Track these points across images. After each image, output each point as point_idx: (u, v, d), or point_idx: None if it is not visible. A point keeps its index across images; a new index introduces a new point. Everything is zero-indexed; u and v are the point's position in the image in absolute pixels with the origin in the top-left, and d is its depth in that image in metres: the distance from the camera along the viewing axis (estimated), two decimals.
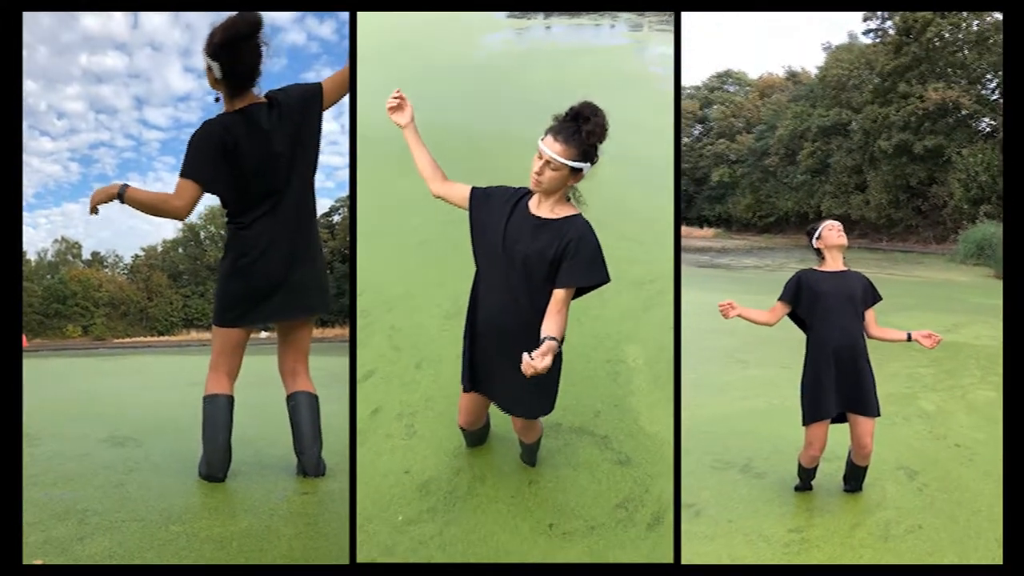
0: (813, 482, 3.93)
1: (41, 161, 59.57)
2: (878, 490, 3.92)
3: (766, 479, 4.07)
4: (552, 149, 2.56)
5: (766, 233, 39.56)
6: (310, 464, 3.46)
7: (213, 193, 3.21)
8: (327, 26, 68.53)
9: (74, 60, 66.18)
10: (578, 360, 4.15)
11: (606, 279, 2.66)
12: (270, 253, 3.24)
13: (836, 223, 3.84)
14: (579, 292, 2.71)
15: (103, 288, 46.35)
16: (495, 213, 2.76)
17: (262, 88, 3.27)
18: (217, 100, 3.21)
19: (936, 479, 4.10)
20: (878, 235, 34.48)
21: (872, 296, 3.74)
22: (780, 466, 4.16)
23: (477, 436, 3.39)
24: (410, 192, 2.91)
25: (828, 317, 3.66)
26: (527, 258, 2.65)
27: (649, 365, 4.22)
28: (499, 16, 19.37)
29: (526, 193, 2.78)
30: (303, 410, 3.45)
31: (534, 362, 2.32)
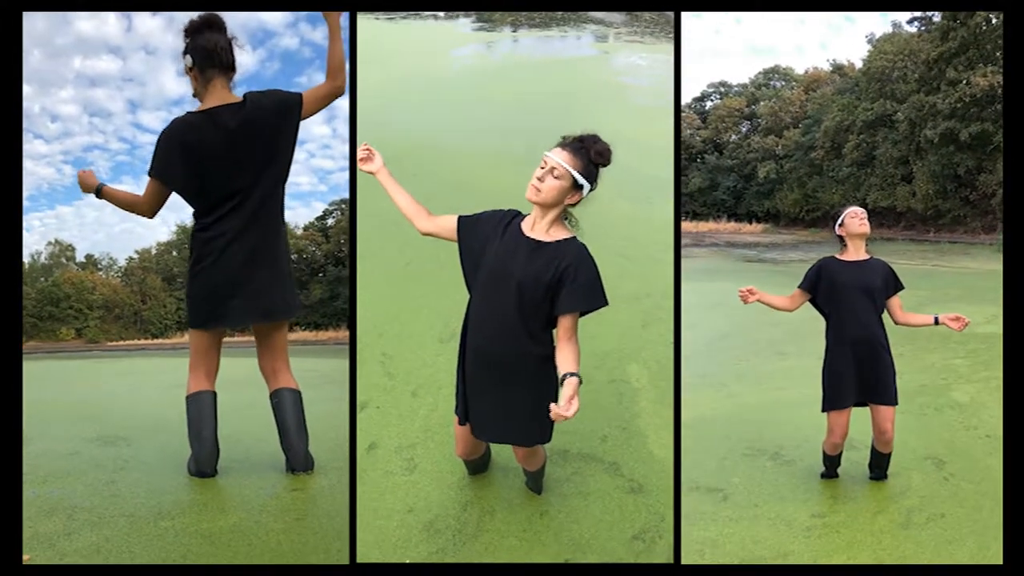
0: (840, 470, 4.02)
1: (35, 164, 60.81)
2: (903, 479, 3.99)
3: (795, 466, 4.17)
4: (559, 156, 2.57)
5: (813, 227, 39.06)
6: (297, 459, 3.47)
7: (176, 191, 3.31)
8: (320, 31, 68.77)
9: (68, 63, 67.50)
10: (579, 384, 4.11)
11: (605, 303, 2.63)
12: (227, 256, 3.27)
13: (860, 210, 3.84)
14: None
15: (97, 291, 46.70)
16: (486, 237, 2.72)
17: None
18: (194, 95, 3.33)
19: (963, 469, 4.15)
20: (925, 227, 33.84)
21: (894, 285, 3.79)
22: (809, 454, 4.25)
23: (477, 464, 3.30)
24: (391, 212, 2.94)
25: (846, 308, 3.74)
26: (521, 283, 2.60)
27: (653, 384, 4.17)
28: (467, 29, 19.48)
29: (516, 215, 2.76)
30: (287, 406, 3.46)
31: (562, 410, 2.32)
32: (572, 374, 2.47)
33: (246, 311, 3.34)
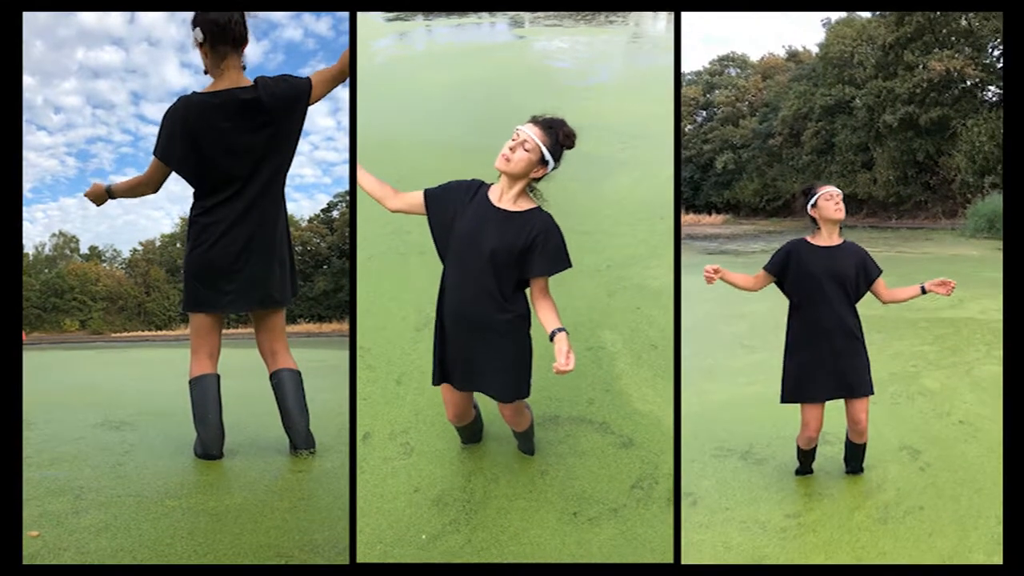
0: (815, 466, 3.89)
1: (38, 156, 59.91)
2: (880, 472, 3.88)
3: (766, 465, 4.04)
4: (531, 131, 2.73)
5: (774, 217, 39.29)
6: (299, 437, 3.53)
7: (176, 172, 3.27)
8: (323, 23, 68.69)
9: (71, 55, 66.01)
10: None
11: (569, 264, 2.84)
12: (225, 242, 3.27)
13: (835, 191, 3.59)
14: None
15: (101, 282, 46.40)
16: (455, 207, 2.86)
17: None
18: (206, 72, 3.25)
19: (939, 458, 4.05)
20: (887, 213, 34.17)
21: (872, 270, 3.61)
22: (781, 452, 4.13)
23: (470, 431, 3.40)
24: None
25: (819, 298, 3.56)
26: (495, 251, 2.75)
27: (628, 347, 4.35)
28: (379, 20, 19.38)
29: (481, 184, 2.91)
30: (286, 386, 3.51)
31: (562, 365, 2.58)
32: (559, 329, 2.70)
33: (241, 298, 3.37)
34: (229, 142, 3.18)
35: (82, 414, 4.89)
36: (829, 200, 3.56)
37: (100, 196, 3.43)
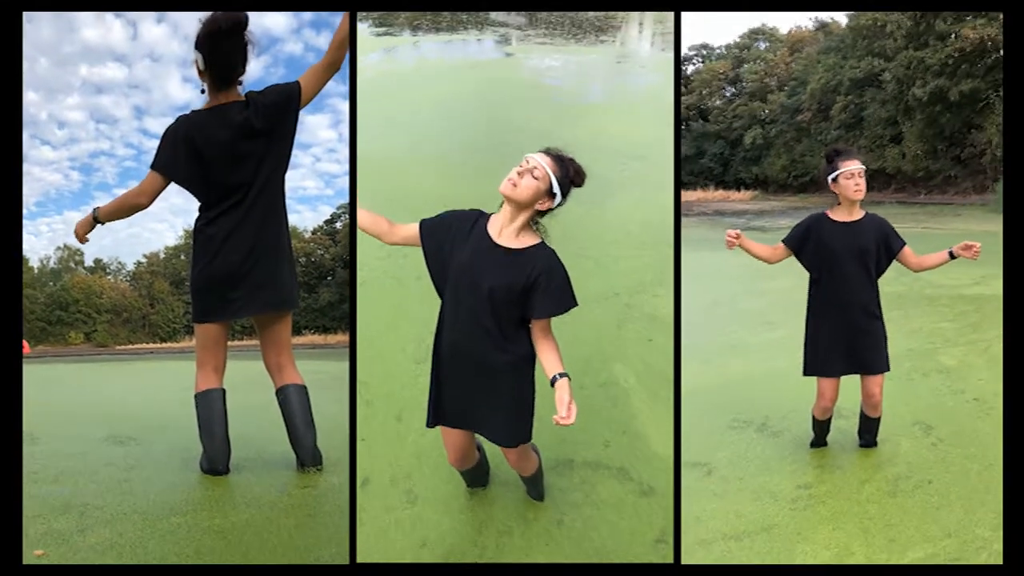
0: (829, 439, 4.00)
1: (42, 170, 61.16)
2: (891, 445, 3.98)
3: (782, 437, 4.15)
4: (542, 159, 2.58)
5: (802, 193, 38.93)
6: (306, 454, 3.51)
7: (180, 184, 3.33)
8: (324, 37, 68.94)
9: (74, 71, 67.50)
10: (572, 389, 3.98)
11: (575, 303, 2.66)
12: (229, 248, 3.31)
13: (857, 167, 3.54)
14: None
15: (105, 295, 46.84)
16: (451, 240, 2.69)
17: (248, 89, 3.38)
18: (203, 92, 3.33)
19: (951, 434, 4.13)
20: (916, 188, 33.76)
21: (894, 243, 3.62)
22: (796, 425, 4.24)
23: (475, 475, 3.19)
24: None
25: (838, 273, 3.61)
26: (494, 289, 2.58)
27: (641, 383, 4.11)
28: (366, 35, 18.99)
29: (480, 216, 2.73)
30: (293, 401, 3.49)
31: (563, 419, 2.41)
32: (561, 375, 2.52)
33: (247, 303, 3.39)
34: (231, 151, 3.27)
35: (87, 428, 4.83)
36: (850, 180, 3.54)
37: (88, 226, 3.44)
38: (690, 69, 48.88)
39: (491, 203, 2.75)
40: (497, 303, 2.59)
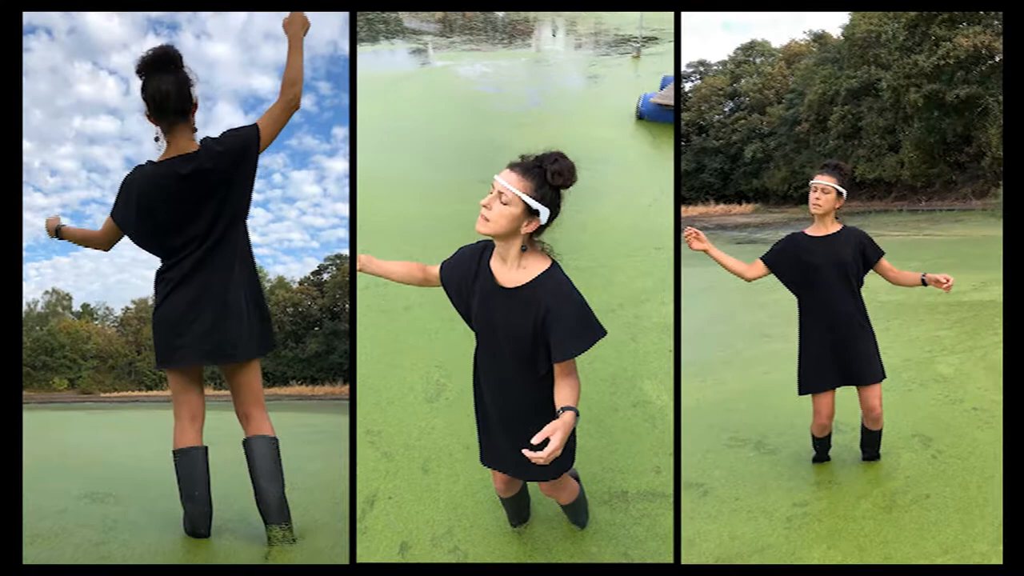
0: (831, 453, 3.96)
1: (34, 215, 61.63)
2: (891, 458, 3.94)
3: (778, 454, 4.11)
4: (505, 179, 2.31)
5: (803, 204, 38.82)
6: (270, 510, 3.18)
7: (130, 238, 3.27)
8: (307, 99, 70.01)
9: (68, 123, 68.36)
10: (606, 412, 4.01)
11: (602, 333, 2.40)
12: (177, 295, 3.19)
13: (818, 183, 3.61)
14: None
15: (92, 340, 46.28)
16: (468, 283, 2.54)
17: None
18: (156, 139, 3.21)
19: (950, 445, 4.08)
20: (916, 196, 33.72)
21: (871, 254, 3.62)
22: (794, 441, 4.20)
23: (517, 506, 3.09)
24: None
25: (820, 288, 3.60)
26: (505, 335, 2.45)
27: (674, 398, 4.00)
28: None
29: (486, 247, 2.53)
30: (256, 454, 3.24)
31: (539, 454, 2.11)
32: (567, 408, 2.27)
33: (190, 351, 3.21)
34: (175, 209, 3.15)
35: (67, 482, 4.63)
36: (812, 193, 3.64)
37: (51, 230, 3.40)
38: (688, 86, 49.12)
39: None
40: (516, 345, 2.43)
